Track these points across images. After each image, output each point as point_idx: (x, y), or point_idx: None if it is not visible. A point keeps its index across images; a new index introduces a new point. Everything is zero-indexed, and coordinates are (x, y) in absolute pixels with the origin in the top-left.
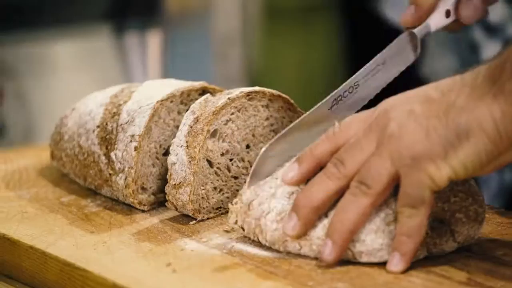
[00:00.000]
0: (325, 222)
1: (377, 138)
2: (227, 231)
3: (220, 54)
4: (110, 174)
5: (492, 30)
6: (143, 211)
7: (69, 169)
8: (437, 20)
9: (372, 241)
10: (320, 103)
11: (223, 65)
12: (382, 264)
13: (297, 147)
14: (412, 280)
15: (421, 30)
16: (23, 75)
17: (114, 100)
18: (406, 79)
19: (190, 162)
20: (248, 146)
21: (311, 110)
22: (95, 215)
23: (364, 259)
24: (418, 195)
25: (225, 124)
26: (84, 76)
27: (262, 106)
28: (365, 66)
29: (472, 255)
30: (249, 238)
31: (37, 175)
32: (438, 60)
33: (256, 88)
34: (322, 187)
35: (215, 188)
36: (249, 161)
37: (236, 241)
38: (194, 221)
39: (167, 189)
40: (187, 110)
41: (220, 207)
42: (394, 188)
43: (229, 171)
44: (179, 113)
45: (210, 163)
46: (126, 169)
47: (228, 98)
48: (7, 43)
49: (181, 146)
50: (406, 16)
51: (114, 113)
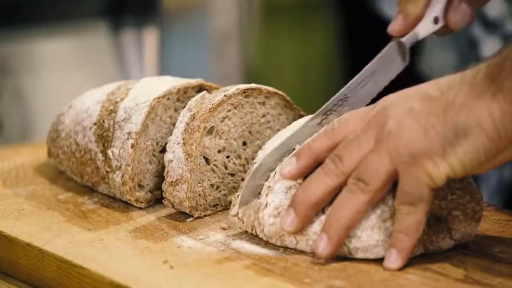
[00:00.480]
0: (322, 218)
1: (376, 135)
2: (224, 228)
3: (217, 52)
4: (107, 172)
5: (491, 26)
6: (140, 209)
7: (66, 167)
8: (426, 27)
9: (368, 238)
10: (310, 117)
11: (220, 63)
12: (379, 262)
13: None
14: (409, 277)
15: (409, 39)
16: (20, 73)
17: (111, 98)
18: (405, 75)
19: (187, 159)
20: (245, 143)
21: (302, 125)
22: (92, 213)
23: (360, 255)
24: (416, 193)
25: (222, 121)
26: (81, 73)
27: (259, 103)
28: (354, 78)
29: (469, 252)
30: (246, 236)
31: (34, 173)
32: (437, 56)
33: (253, 85)
34: (320, 184)
35: (212, 185)
36: (246, 158)
37: (233, 238)
38: (191, 218)
39: (164, 187)
40: (184, 107)
41: (217, 204)
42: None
43: (226, 168)
44: (176, 110)
45: (207, 160)
46: (123, 167)
47: (225, 95)
48: (3, 41)
49: (178, 143)
50: (394, 26)
51: (111, 111)
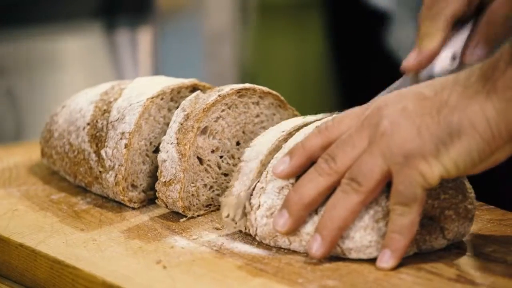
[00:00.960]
0: (315, 219)
1: (369, 135)
2: (217, 228)
3: (211, 51)
4: (100, 172)
5: None
6: (133, 209)
7: (59, 167)
8: (442, 64)
9: (361, 238)
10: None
11: (214, 62)
12: (372, 262)
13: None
14: (402, 277)
15: (425, 74)
16: (13, 73)
17: (104, 98)
18: (372, 52)
19: (181, 159)
20: (239, 143)
21: None
22: (85, 213)
23: (353, 256)
24: (410, 193)
25: (216, 121)
26: (75, 73)
27: (253, 103)
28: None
29: (462, 252)
30: (239, 236)
31: (27, 173)
32: (405, 32)
33: (247, 85)
34: (313, 184)
35: (205, 185)
36: (239, 158)
37: (226, 239)
38: (184, 218)
39: (157, 187)
40: (178, 107)
41: (210, 204)
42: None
43: (219, 168)
44: (170, 110)
45: (201, 160)
46: (116, 167)
47: (219, 95)
48: None
49: (171, 143)
50: (408, 62)
51: (104, 111)
